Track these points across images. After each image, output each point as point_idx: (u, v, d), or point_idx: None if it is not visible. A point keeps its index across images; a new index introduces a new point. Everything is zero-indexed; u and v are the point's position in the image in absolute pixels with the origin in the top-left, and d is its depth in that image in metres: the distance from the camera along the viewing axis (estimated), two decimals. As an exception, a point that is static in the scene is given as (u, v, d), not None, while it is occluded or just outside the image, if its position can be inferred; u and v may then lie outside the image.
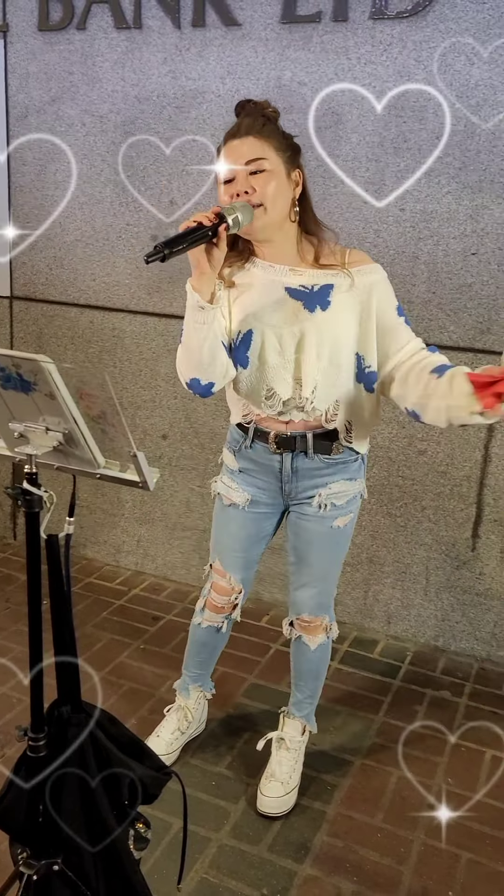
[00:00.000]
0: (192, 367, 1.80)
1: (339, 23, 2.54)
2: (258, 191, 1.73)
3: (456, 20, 2.41)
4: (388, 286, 1.87)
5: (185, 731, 2.32)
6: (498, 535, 2.75)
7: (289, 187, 1.78)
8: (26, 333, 3.39)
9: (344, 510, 1.99)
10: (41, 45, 3.02)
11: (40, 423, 1.32)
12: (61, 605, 1.46)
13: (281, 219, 1.78)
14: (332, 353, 1.81)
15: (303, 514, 2.00)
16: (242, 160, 1.72)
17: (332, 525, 2.00)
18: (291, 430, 1.90)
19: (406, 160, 2.56)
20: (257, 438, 1.94)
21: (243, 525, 2.07)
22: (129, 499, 3.36)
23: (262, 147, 1.73)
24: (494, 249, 2.53)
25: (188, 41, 2.77)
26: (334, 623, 2.18)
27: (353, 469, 1.98)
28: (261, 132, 1.74)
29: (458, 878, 1.97)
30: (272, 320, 1.81)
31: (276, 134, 1.77)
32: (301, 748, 2.25)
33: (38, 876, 1.44)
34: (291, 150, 1.79)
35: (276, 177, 1.74)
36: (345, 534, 2.05)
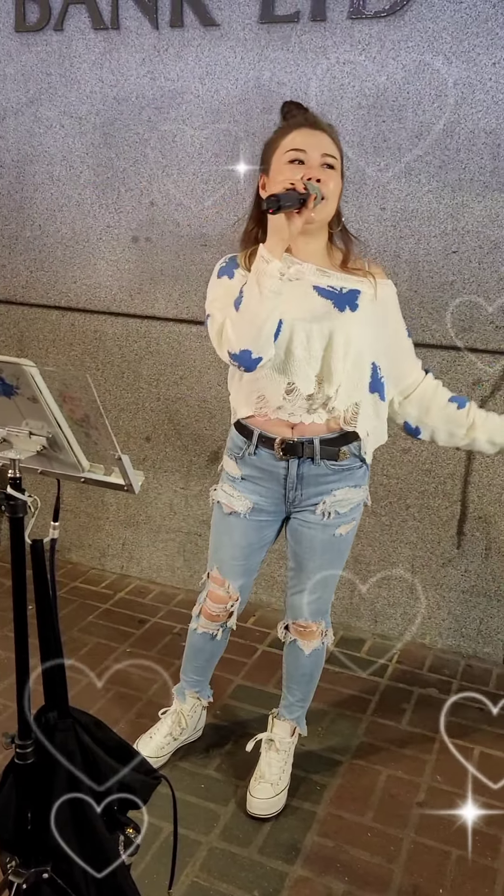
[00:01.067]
0: (249, 339, 1.70)
1: (317, 22, 2.54)
2: (325, 183, 1.74)
3: (434, 19, 2.41)
4: (398, 304, 1.95)
5: (177, 737, 2.30)
6: (482, 532, 2.76)
7: (340, 192, 1.83)
8: (7, 337, 3.36)
9: (347, 518, 1.99)
10: (18, 46, 3.00)
11: (23, 427, 1.31)
12: (47, 610, 1.45)
13: (329, 217, 1.83)
14: (356, 356, 1.83)
15: (305, 521, 1.98)
16: (319, 150, 1.76)
17: (335, 533, 1.99)
18: (298, 436, 1.87)
19: (386, 159, 2.56)
20: (262, 444, 1.90)
21: (244, 533, 2.04)
22: (114, 502, 3.34)
23: (334, 146, 1.79)
24: (475, 247, 2.54)
25: (166, 42, 2.76)
26: (330, 629, 2.17)
27: (359, 476, 1.96)
28: (332, 134, 1.81)
29: (448, 875, 1.97)
30: (302, 314, 1.78)
31: (339, 142, 1.83)
32: (290, 749, 2.25)
33: (28, 884, 1.42)
34: (342, 160, 1.85)
35: (337, 178, 1.80)
36: (346, 541, 2.04)
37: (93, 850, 1.45)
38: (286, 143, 1.78)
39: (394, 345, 1.92)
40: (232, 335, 1.73)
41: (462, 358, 2.64)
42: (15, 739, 1.43)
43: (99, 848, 1.45)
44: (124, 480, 1.32)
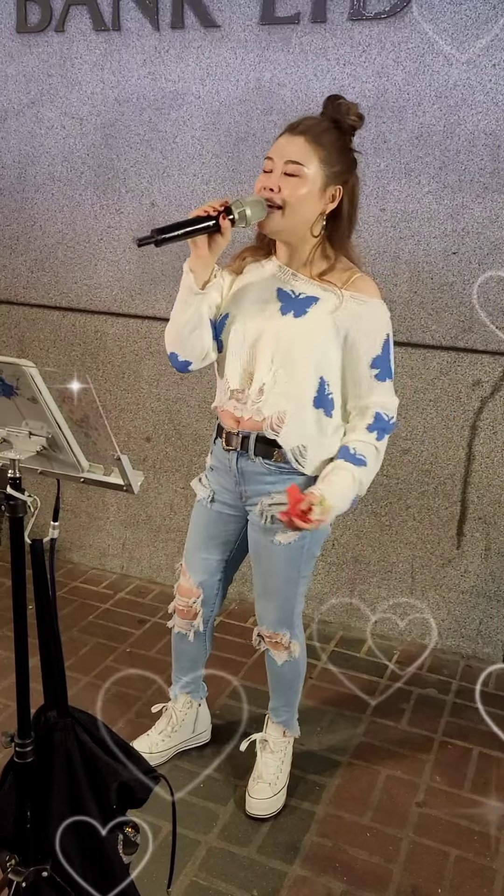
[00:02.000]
0: (174, 343, 1.84)
1: (317, 24, 2.54)
2: (283, 192, 1.70)
3: (434, 21, 2.42)
4: (378, 328, 1.80)
5: (171, 734, 2.30)
6: (482, 532, 2.77)
7: (319, 201, 1.74)
8: (8, 337, 3.37)
9: (286, 527, 1.82)
10: (19, 47, 3.00)
11: (23, 428, 1.32)
12: (46, 610, 1.45)
13: (299, 227, 1.76)
14: (286, 362, 1.79)
15: (252, 522, 1.98)
16: (283, 158, 1.71)
17: (274, 540, 1.92)
18: (241, 429, 1.89)
19: (386, 160, 2.57)
20: (219, 435, 1.97)
21: (206, 522, 2.08)
22: (114, 502, 3.35)
23: (307, 153, 1.70)
24: (475, 248, 2.54)
25: (167, 43, 2.77)
26: (295, 643, 2.09)
27: (299, 483, 1.85)
28: (316, 138, 1.71)
29: (446, 875, 1.98)
30: (245, 310, 1.83)
31: (331, 145, 1.73)
32: (286, 749, 2.25)
33: (27, 883, 1.43)
34: (342, 165, 1.75)
35: (308, 186, 1.71)
36: (291, 551, 1.93)
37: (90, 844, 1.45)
38: (270, 149, 1.78)
39: (351, 368, 1.81)
40: (165, 337, 1.88)
41: (461, 359, 2.65)
42: (14, 738, 1.43)
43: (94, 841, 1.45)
44: (123, 481, 1.32)
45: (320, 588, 3.05)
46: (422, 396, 2.72)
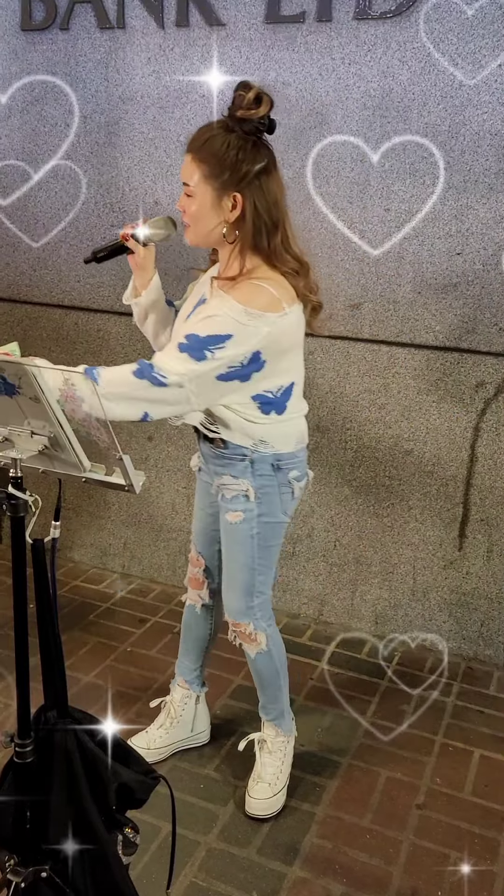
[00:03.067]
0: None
1: (323, 23, 2.53)
2: (185, 211, 1.83)
3: (439, 21, 2.41)
4: (223, 322, 1.75)
5: (169, 729, 2.31)
6: (484, 534, 2.76)
7: (213, 213, 1.79)
8: (10, 335, 3.36)
9: (231, 505, 1.99)
10: (24, 44, 3.00)
11: (25, 427, 1.31)
12: (47, 610, 1.45)
13: (204, 238, 1.85)
14: None
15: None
16: (181, 179, 1.82)
17: (226, 517, 2.02)
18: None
19: (391, 160, 2.56)
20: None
21: (199, 491, 2.21)
22: (115, 501, 3.34)
23: (192, 171, 1.78)
24: (479, 249, 2.53)
25: (172, 41, 2.76)
26: (261, 634, 2.11)
27: (239, 468, 1.95)
28: (197, 154, 1.77)
29: (447, 878, 1.97)
30: (180, 316, 2.00)
31: (211, 158, 1.74)
32: (285, 749, 2.23)
33: (26, 883, 1.42)
34: (230, 172, 1.74)
35: (198, 203, 1.79)
36: (239, 532, 2.01)
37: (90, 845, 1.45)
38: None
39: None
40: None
41: (465, 360, 2.64)
42: (14, 738, 1.43)
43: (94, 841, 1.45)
44: (125, 481, 1.32)
45: (321, 589, 3.04)
46: (425, 398, 2.72)
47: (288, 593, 3.09)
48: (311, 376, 2.84)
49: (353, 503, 2.91)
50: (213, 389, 1.80)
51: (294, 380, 1.93)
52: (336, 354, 2.80)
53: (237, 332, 1.74)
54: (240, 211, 1.77)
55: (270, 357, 1.80)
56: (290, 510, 2.05)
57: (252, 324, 1.74)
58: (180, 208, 1.84)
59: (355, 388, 2.80)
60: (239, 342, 1.74)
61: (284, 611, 3.11)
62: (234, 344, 1.74)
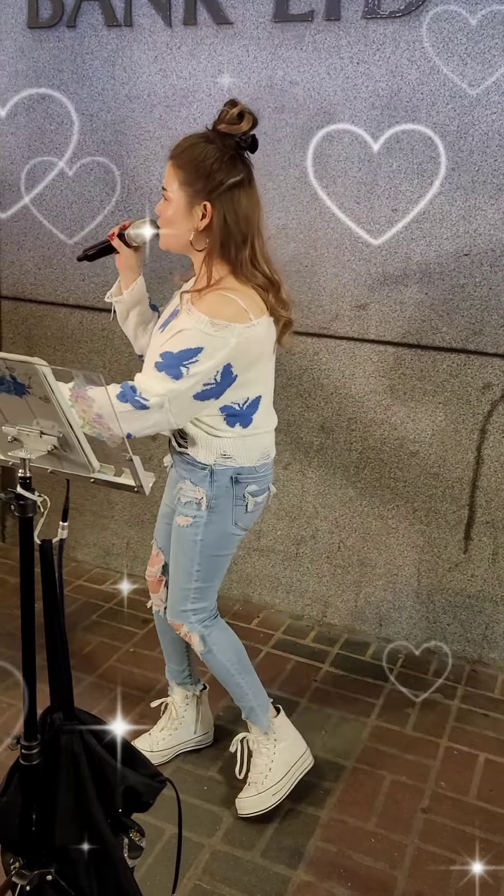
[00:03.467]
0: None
1: (331, 22, 2.52)
2: (161, 215, 1.88)
3: (449, 20, 2.40)
4: (193, 337, 1.76)
5: (172, 732, 2.30)
6: (490, 537, 2.75)
7: (185, 219, 1.83)
8: (15, 334, 3.35)
9: (183, 510, 2.01)
10: (30, 42, 2.99)
11: (34, 427, 1.30)
12: (54, 612, 1.44)
13: (177, 244, 1.89)
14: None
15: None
16: (163, 184, 1.87)
17: (176, 520, 2.04)
18: None
19: (398, 160, 2.55)
20: None
21: (167, 487, 2.18)
22: (119, 501, 3.33)
23: (170, 177, 1.83)
24: (487, 250, 2.52)
25: (179, 40, 2.75)
26: (195, 636, 2.10)
27: (199, 477, 1.96)
28: (176, 160, 1.82)
29: (452, 883, 1.96)
30: (158, 327, 2.00)
31: (188, 165, 1.80)
32: (272, 748, 2.17)
33: (32, 886, 1.42)
34: (204, 181, 1.78)
35: (172, 208, 1.85)
36: (186, 536, 2.02)
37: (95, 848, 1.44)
38: None
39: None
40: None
41: (472, 361, 2.63)
42: (21, 740, 1.42)
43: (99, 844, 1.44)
44: (135, 482, 1.31)
45: (325, 590, 3.03)
46: (431, 399, 2.70)
47: (291, 594, 3.08)
48: (317, 376, 2.83)
49: (357, 504, 2.90)
50: (190, 408, 1.84)
51: (261, 392, 1.94)
52: (342, 355, 2.79)
53: (206, 344, 1.76)
54: (208, 220, 1.81)
55: (240, 370, 1.83)
56: (245, 523, 2.05)
57: (219, 335, 1.76)
58: (158, 212, 1.89)
59: (361, 388, 2.79)
60: (209, 354, 1.76)
61: (288, 612, 3.10)
62: (205, 357, 1.76)
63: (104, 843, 1.44)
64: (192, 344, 1.76)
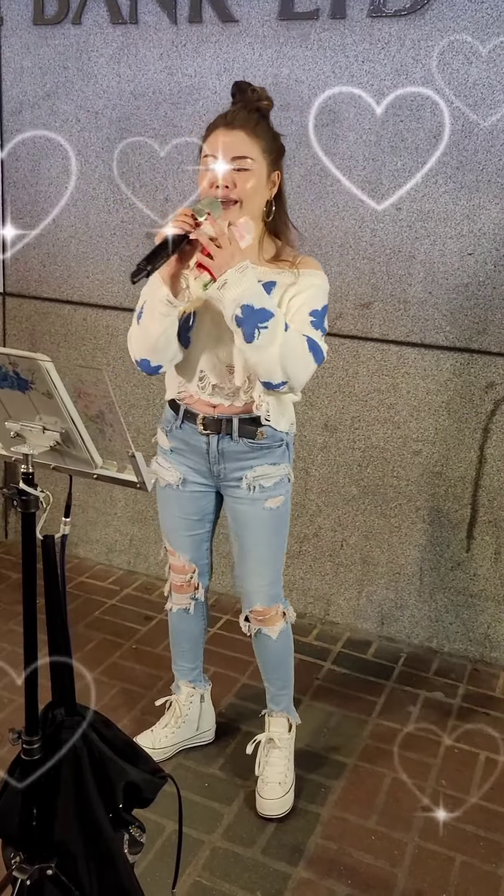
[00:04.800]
0: (146, 350, 1.84)
1: (336, 20, 2.52)
2: (238, 187, 1.75)
3: (454, 18, 2.40)
4: (321, 293, 1.86)
5: (175, 729, 2.30)
6: (492, 536, 2.75)
7: (266, 188, 1.82)
8: (19, 331, 3.36)
9: (273, 492, 2.01)
10: (36, 39, 2.99)
11: (37, 423, 1.31)
12: (56, 607, 1.44)
13: (253, 216, 1.81)
14: None
15: (235, 497, 2.04)
16: (229, 154, 1.75)
17: (265, 506, 2.02)
18: (219, 414, 1.94)
19: (403, 159, 2.55)
20: (187, 419, 1.99)
21: (181, 505, 2.11)
22: (122, 498, 3.34)
23: (250, 145, 1.76)
24: (491, 250, 2.52)
25: (184, 37, 2.75)
26: (289, 607, 2.19)
27: (278, 454, 2.00)
28: (253, 130, 1.77)
29: (452, 881, 1.96)
30: (214, 307, 1.83)
31: (266, 134, 1.80)
32: (290, 746, 2.24)
33: (32, 881, 1.42)
34: (277, 152, 1.83)
35: (257, 177, 1.77)
36: (279, 516, 2.05)
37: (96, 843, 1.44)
38: (205, 145, 1.80)
39: (289, 313, 1.86)
40: (133, 343, 1.88)
41: (475, 361, 2.63)
42: (22, 735, 1.42)
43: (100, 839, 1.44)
44: (137, 478, 1.31)
45: (328, 589, 3.03)
46: (434, 398, 2.70)
47: (294, 592, 3.08)
48: (320, 375, 2.83)
49: (360, 503, 2.90)
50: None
51: None
52: (345, 353, 2.79)
53: (327, 300, 1.87)
54: (277, 189, 1.84)
55: None
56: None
57: (327, 287, 1.88)
58: (228, 185, 1.74)
59: (364, 387, 2.79)
60: (327, 308, 1.88)
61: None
62: (326, 311, 1.88)
63: (105, 839, 1.44)
64: (324, 300, 1.86)
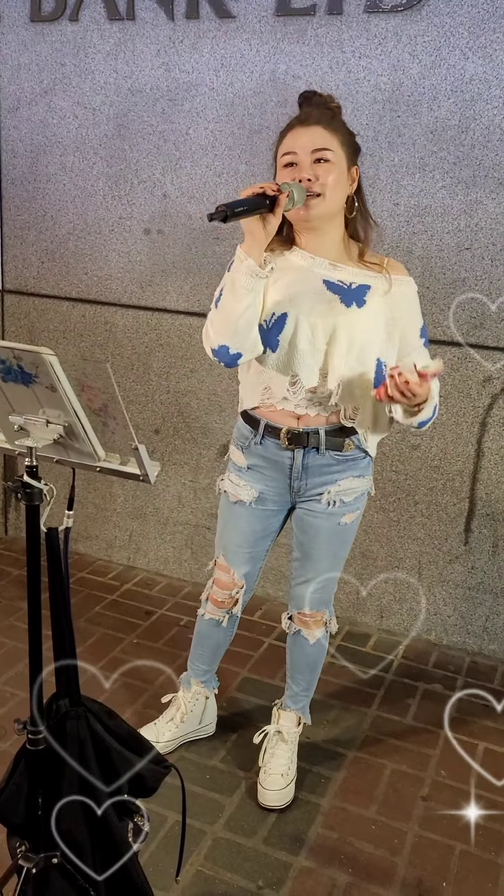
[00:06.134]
0: (226, 334, 1.78)
1: (333, 16, 2.53)
2: (320, 179, 1.75)
3: (451, 14, 2.41)
4: (417, 303, 1.92)
5: (178, 722, 2.31)
6: (490, 529, 2.76)
7: (347, 182, 1.82)
8: (18, 327, 3.37)
9: (352, 507, 2.01)
10: (33, 35, 3.00)
11: (41, 416, 1.32)
12: (60, 599, 1.46)
13: (335, 210, 1.81)
14: (360, 353, 1.83)
15: (311, 510, 2.00)
16: (309, 148, 1.76)
17: (340, 522, 2.01)
18: (304, 426, 1.90)
19: (400, 154, 2.56)
20: (268, 434, 1.94)
21: (250, 522, 2.07)
22: (121, 493, 3.35)
23: (329, 138, 1.77)
24: (488, 244, 2.54)
25: (182, 33, 2.76)
26: (333, 618, 2.19)
27: (363, 466, 1.99)
28: (330, 124, 1.79)
29: (451, 869, 1.98)
30: (308, 308, 1.81)
31: (342, 128, 1.82)
32: (296, 740, 2.27)
33: (37, 869, 1.44)
34: (354, 147, 1.84)
35: (338, 169, 1.77)
36: (351, 530, 2.06)
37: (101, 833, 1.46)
38: (282, 146, 1.81)
39: (402, 343, 1.90)
40: (210, 331, 1.82)
41: (472, 355, 2.64)
42: (27, 726, 1.44)
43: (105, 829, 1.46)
44: (140, 471, 1.32)
45: (327, 582, 3.05)
46: (432, 392, 2.72)
47: (293, 586, 3.10)
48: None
49: (359, 497, 2.92)
50: None
51: None
52: (343, 348, 2.80)
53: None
54: (357, 185, 1.85)
55: None
56: None
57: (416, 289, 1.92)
58: (311, 178, 1.74)
59: (362, 382, 2.81)
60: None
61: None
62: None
63: (109, 828, 1.46)
64: (419, 308, 1.92)
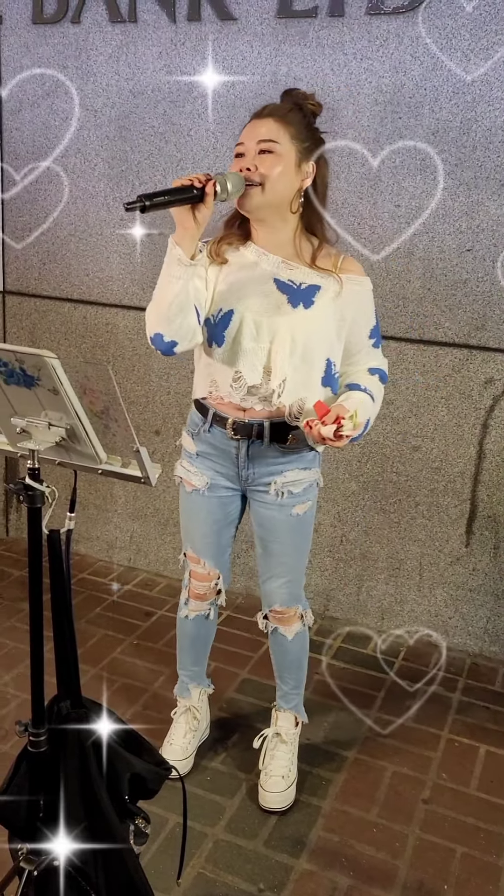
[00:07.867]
0: (158, 322, 1.80)
1: (335, 18, 2.53)
2: (260, 170, 1.76)
3: (452, 16, 2.41)
4: (371, 303, 1.93)
5: (195, 730, 2.30)
6: (491, 531, 2.76)
7: (295, 176, 1.80)
8: (19, 329, 3.37)
9: (301, 498, 2.02)
10: (35, 38, 3.00)
11: (43, 419, 1.32)
12: (62, 600, 1.46)
13: (278, 203, 1.80)
14: (304, 352, 1.84)
15: (262, 501, 2.03)
16: (255, 139, 1.77)
17: (292, 513, 2.02)
18: (249, 418, 1.93)
19: (402, 156, 2.56)
20: (216, 423, 1.97)
21: (209, 510, 2.08)
22: (122, 494, 3.35)
23: (277, 131, 1.77)
24: (489, 246, 2.54)
25: (183, 35, 2.76)
26: (308, 610, 2.20)
27: (308, 459, 2.01)
28: (283, 117, 1.78)
29: (452, 872, 1.98)
30: (254, 306, 1.83)
31: (297, 123, 1.80)
32: (296, 741, 2.27)
33: (39, 872, 1.43)
34: (311, 142, 1.82)
35: (283, 162, 1.76)
36: (305, 521, 2.07)
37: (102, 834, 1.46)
38: (239, 138, 1.83)
39: (350, 342, 1.92)
40: (147, 318, 1.84)
41: (474, 357, 2.64)
42: (29, 727, 1.44)
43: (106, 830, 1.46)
44: (141, 473, 1.33)
45: (327, 584, 3.05)
46: (433, 394, 2.72)
47: (294, 588, 3.10)
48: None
49: (359, 498, 2.92)
50: None
51: None
52: (345, 350, 2.81)
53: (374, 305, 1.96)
54: (311, 181, 1.83)
55: None
56: None
57: (371, 287, 1.94)
58: (252, 167, 1.75)
59: (364, 383, 2.81)
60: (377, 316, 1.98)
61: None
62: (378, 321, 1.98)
63: (111, 829, 1.46)
64: (373, 307, 1.94)
